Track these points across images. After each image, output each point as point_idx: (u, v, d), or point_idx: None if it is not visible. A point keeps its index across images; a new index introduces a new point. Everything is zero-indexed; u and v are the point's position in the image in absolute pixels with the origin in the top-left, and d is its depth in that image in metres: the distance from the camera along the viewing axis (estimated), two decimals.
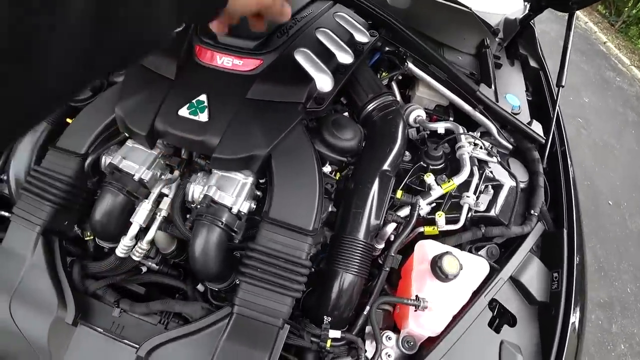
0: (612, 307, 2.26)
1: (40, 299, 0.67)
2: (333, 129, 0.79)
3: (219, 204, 0.69)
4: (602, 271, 2.40)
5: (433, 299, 0.71)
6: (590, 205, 2.71)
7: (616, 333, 2.16)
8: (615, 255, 2.51)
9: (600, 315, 2.21)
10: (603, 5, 5.48)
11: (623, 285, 2.39)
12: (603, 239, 2.55)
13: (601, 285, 2.34)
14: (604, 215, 2.71)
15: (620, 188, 2.92)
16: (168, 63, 0.80)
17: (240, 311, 0.62)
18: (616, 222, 2.69)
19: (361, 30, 0.90)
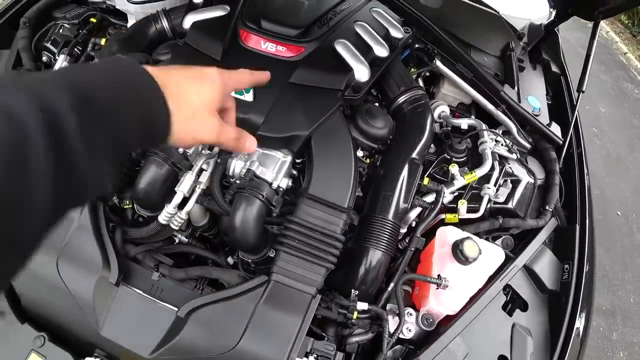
0: (614, 315, 2.29)
1: (86, 259, 0.72)
2: (367, 117, 0.85)
3: (260, 178, 0.74)
4: (607, 279, 2.43)
5: (453, 280, 0.76)
6: (598, 214, 2.73)
7: (616, 341, 2.19)
8: (620, 265, 2.53)
9: (601, 322, 2.24)
10: (626, 15, 5.42)
11: (626, 294, 2.41)
12: (609, 248, 2.58)
13: (604, 292, 2.37)
14: (612, 225, 2.72)
15: (630, 200, 2.92)
16: (215, 44, 0.86)
17: (278, 278, 0.68)
18: (624, 233, 2.70)
19: (396, 26, 0.95)
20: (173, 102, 0.39)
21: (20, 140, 0.25)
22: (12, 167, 0.24)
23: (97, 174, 0.32)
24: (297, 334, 0.64)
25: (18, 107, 0.26)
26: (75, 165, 0.29)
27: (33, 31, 1.19)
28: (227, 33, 0.88)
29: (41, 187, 0.26)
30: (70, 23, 1.21)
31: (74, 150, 0.29)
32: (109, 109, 0.33)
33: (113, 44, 1.04)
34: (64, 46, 1.17)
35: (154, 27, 1.09)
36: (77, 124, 0.29)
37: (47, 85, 0.29)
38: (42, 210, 0.27)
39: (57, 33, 1.20)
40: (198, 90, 0.43)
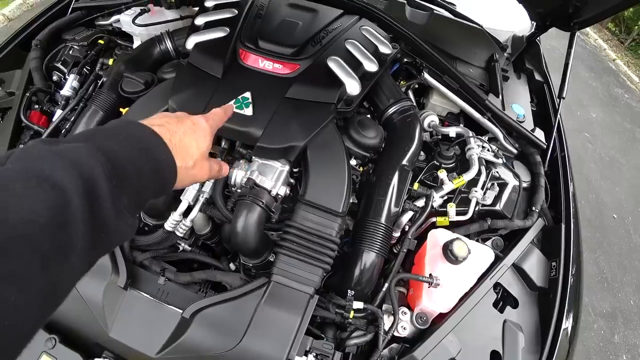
0: (615, 318, 2.30)
1: (97, 265, 0.77)
2: (359, 128, 0.90)
3: (260, 186, 0.79)
4: (606, 282, 2.45)
5: (444, 279, 0.80)
6: (595, 218, 2.77)
7: (618, 343, 2.19)
8: (619, 268, 2.55)
9: (602, 325, 2.24)
10: (613, 23, 5.59)
11: (626, 297, 2.42)
12: (607, 251, 2.60)
13: (604, 296, 2.38)
14: (609, 229, 2.76)
15: (625, 202, 2.97)
16: (216, 63, 0.92)
17: (277, 279, 0.72)
18: (621, 236, 2.73)
19: (384, 42, 1.02)
20: (178, 156, 0.45)
21: (64, 205, 0.29)
22: (55, 228, 0.28)
23: (121, 228, 0.36)
24: (297, 332, 0.67)
25: (60, 175, 0.30)
26: (107, 224, 0.34)
27: (44, 52, 1.26)
28: (227, 53, 0.94)
29: (79, 243, 0.30)
30: (79, 44, 1.28)
31: (106, 212, 0.33)
32: (132, 173, 0.37)
33: (120, 63, 1.11)
34: (74, 66, 1.25)
35: (159, 47, 1.16)
36: (109, 189, 0.34)
37: (83, 154, 0.33)
38: (78, 262, 0.31)
39: (67, 54, 1.27)
40: (196, 143, 0.49)
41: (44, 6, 1.42)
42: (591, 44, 5.11)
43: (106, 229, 0.34)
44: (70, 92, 1.18)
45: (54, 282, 0.28)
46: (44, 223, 0.27)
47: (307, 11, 1.08)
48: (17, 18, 3.59)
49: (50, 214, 0.28)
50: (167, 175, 0.44)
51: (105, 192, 0.33)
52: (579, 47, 4.87)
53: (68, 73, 1.24)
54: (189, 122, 0.50)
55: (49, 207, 0.28)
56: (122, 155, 0.37)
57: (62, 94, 1.18)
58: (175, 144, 0.45)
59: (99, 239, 0.33)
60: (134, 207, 0.38)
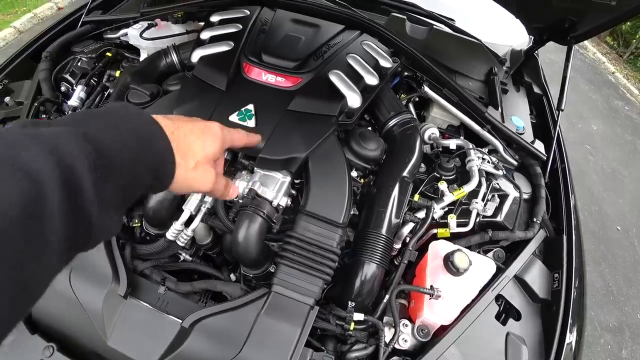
0: (622, 333, 2.25)
1: (97, 272, 0.77)
2: (360, 140, 0.92)
3: (261, 197, 0.80)
4: (611, 295, 2.41)
5: (446, 291, 0.80)
6: (598, 231, 2.75)
7: (626, 358, 2.14)
8: (624, 281, 2.51)
9: (609, 340, 2.20)
10: (611, 36, 5.67)
11: (633, 311, 2.38)
12: (612, 264, 2.57)
13: (610, 309, 2.34)
14: (613, 241, 2.73)
15: (629, 214, 2.95)
16: (220, 76, 0.95)
17: (278, 289, 0.72)
18: (625, 248, 2.71)
19: (385, 56, 1.04)
20: (179, 152, 0.41)
21: (37, 195, 0.26)
22: (27, 221, 0.25)
23: (105, 223, 0.32)
24: (296, 343, 0.67)
25: (36, 164, 0.27)
26: (88, 218, 0.30)
27: (53, 64, 1.30)
28: (231, 66, 0.97)
29: (55, 238, 0.27)
30: (87, 57, 1.32)
31: (87, 204, 0.30)
32: (122, 162, 0.34)
33: (127, 75, 1.13)
34: (82, 77, 1.28)
35: (165, 60, 1.19)
36: (93, 180, 0.30)
37: (63, 139, 0.30)
38: (53, 258, 0.28)
39: (75, 66, 1.30)
40: (202, 143, 0.45)
41: (53, 19, 1.46)
42: (590, 57, 5.18)
43: (87, 223, 0.31)
44: (78, 103, 1.21)
45: (25, 280, 0.26)
46: (14, 215, 0.24)
47: (310, 26, 1.11)
48: (27, 31, 3.69)
49: (23, 205, 0.25)
50: (164, 169, 0.40)
51: (87, 183, 0.30)
52: (578, 60, 4.94)
53: (76, 84, 1.27)
54: (200, 124, 0.47)
55: (21, 198, 0.25)
56: (113, 142, 0.34)
57: (69, 104, 1.20)
58: (178, 137, 0.41)
59: (78, 234, 0.30)
60: (121, 201, 0.34)
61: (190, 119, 0.47)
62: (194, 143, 0.44)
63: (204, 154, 0.45)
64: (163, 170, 0.40)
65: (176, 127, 0.42)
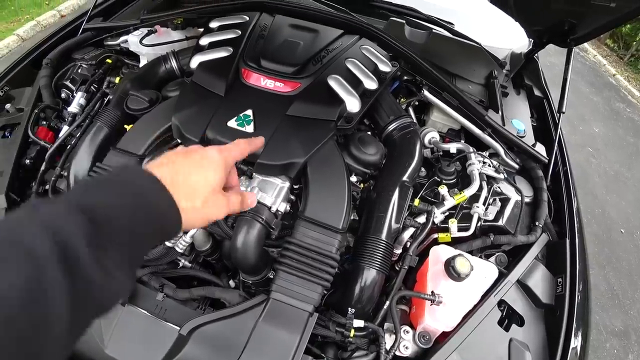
0: (628, 337, 2.22)
1: None
2: (359, 144, 0.91)
3: (260, 203, 0.80)
4: (617, 299, 2.38)
5: (447, 296, 0.79)
6: (602, 234, 2.72)
7: None
8: (630, 284, 2.48)
9: (615, 344, 2.17)
10: (611, 39, 5.67)
11: (638, 314, 2.35)
12: (616, 267, 2.54)
13: (616, 313, 2.31)
14: (617, 244, 2.70)
15: (633, 217, 2.92)
16: (219, 82, 0.95)
17: (276, 296, 0.71)
18: (629, 251, 2.68)
19: (384, 61, 1.04)
20: (183, 197, 0.41)
21: (37, 276, 0.27)
22: (30, 302, 0.26)
23: (113, 286, 0.33)
24: (295, 350, 0.66)
25: (34, 243, 0.28)
26: (91, 288, 0.31)
27: (54, 71, 1.30)
28: (230, 71, 0.97)
29: (59, 314, 0.28)
30: (88, 63, 1.32)
31: (88, 277, 0.31)
32: (121, 227, 0.34)
33: (126, 82, 1.14)
34: (82, 84, 1.28)
35: (164, 66, 1.20)
36: (89, 252, 0.31)
37: (60, 217, 0.31)
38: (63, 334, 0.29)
39: (75, 72, 1.31)
40: (204, 179, 0.44)
41: (56, 27, 1.47)
42: (590, 60, 5.17)
43: (92, 293, 0.31)
44: (77, 109, 1.21)
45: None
46: (16, 297, 0.25)
47: (308, 32, 1.11)
48: (30, 38, 3.73)
49: (24, 286, 0.26)
50: (167, 219, 0.40)
51: (84, 255, 0.30)
52: (578, 63, 4.94)
53: (76, 91, 1.27)
54: (197, 156, 0.46)
55: (22, 278, 0.26)
56: (111, 207, 0.35)
57: (69, 111, 1.21)
58: (178, 183, 0.41)
59: (84, 306, 0.31)
60: (128, 262, 0.35)
61: (187, 151, 0.47)
62: (196, 183, 0.44)
63: (210, 188, 0.45)
64: (167, 223, 0.41)
65: (174, 172, 0.42)
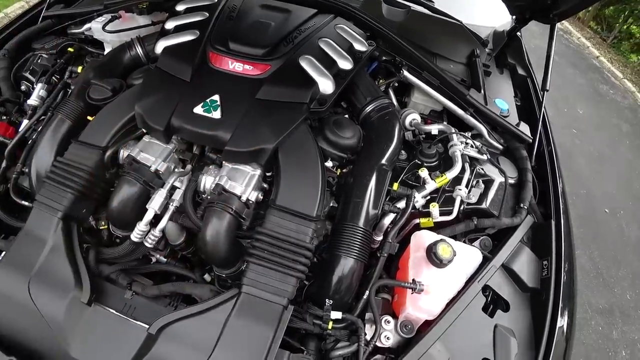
0: (612, 314, 2.26)
1: (58, 279, 0.71)
2: (334, 128, 0.87)
3: (229, 192, 0.75)
4: (601, 277, 2.42)
5: (429, 284, 0.76)
6: (586, 214, 2.75)
7: (617, 339, 2.15)
8: (613, 262, 2.53)
9: (600, 321, 2.21)
10: (594, 21, 5.70)
11: (622, 292, 2.40)
12: (601, 246, 2.58)
13: (600, 291, 2.35)
14: (601, 223, 2.74)
15: (616, 197, 2.96)
16: (184, 67, 0.89)
17: (248, 290, 0.67)
18: (613, 230, 2.72)
19: (360, 40, 0.99)
20: None
21: None
22: None
23: None
24: (270, 346, 0.62)
25: None
26: None
27: (12, 62, 1.21)
28: (196, 56, 0.91)
29: None
30: (48, 53, 1.23)
31: None
32: None
33: (89, 71, 1.06)
34: (42, 75, 1.20)
35: (129, 53, 1.12)
36: None
37: None
38: None
39: (35, 63, 1.22)
40: None
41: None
42: (574, 42, 5.20)
43: None
44: (38, 102, 1.13)
45: None
46: None
47: (280, 12, 1.04)
48: None
49: None
50: None
51: None
52: (562, 45, 4.95)
53: (36, 82, 1.19)
54: None
55: None
56: None
57: (28, 104, 1.13)
58: None
59: None
60: None
61: None
62: None
63: None
64: None
65: None
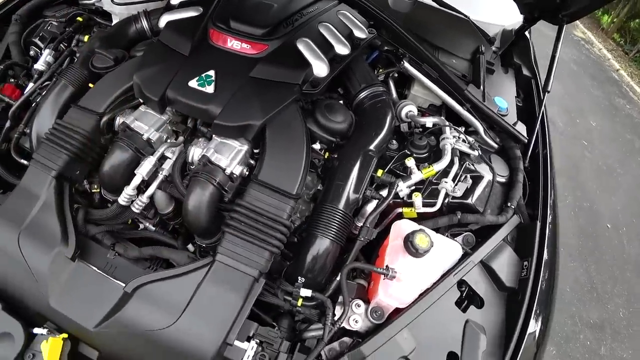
0: (603, 330, 2.24)
1: (47, 234, 0.74)
2: (325, 111, 0.87)
3: (214, 164, 0.76)
4: (595, 292, 2.38)
5: (404, 272, 0.76)
6: (587, 227, 2.71)
7: (604, 356, 2.13)
8: (610, 278, 2.49)
9: (589, 335, 2.18)
10: (619, 33, 5.52)
11: (616, 308, 2.36)
12: (598, 261, 2.54)
13: (592, 306, 2.32)
14: (602, 238, 2.69)
15: (621, 213, 2.90)
16: (184, 41, 0.90)
17: (222, 259, 0.69)
18: (614, 246, 2.67)
19: (360, 27, 0.99)
20: None
21: None
22: None
23: None
24: (238, 314, 0.64)
25: None
26: None
27: (23, 27, 1.24)
28: (197, 32, 0.92)
29: None
30: (58, 21, 1.26)
31: None
32: None
33: (95, 40, 1.08)
34: (51, 42, 1.22)
35: (134, 26, 1.14)
36: None
37: None
38: None
39: (45, 30, 1.25)
40: None
41: None
42: (595, 52, 5.05)
43: None
44: (44, 67, 1.16)
45: None
46: None
47: None
48: None
49: None
50: None
51: None
52: (582, 55, 4.81)
53: (44, 48, 1.22)
54: None
55: None
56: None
57: (35, 68, 1.16)
58: None
59: None
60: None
61: None
62: None
63: None
64: None
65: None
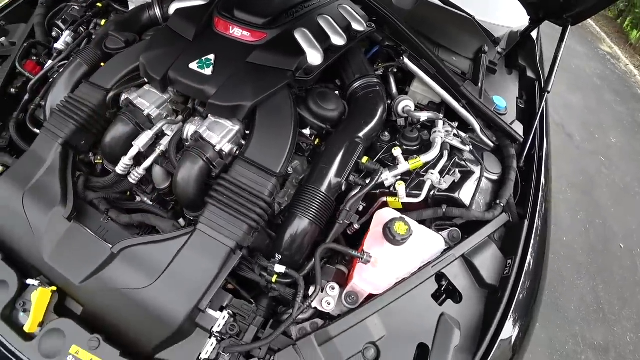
0: (607, 353, 2.14)
1: (48, 195, 0.81)
2: (317, 99, 0.90)
3: (206, 141, 0.80)
4: (601, 313, 2.28)
5: (381, 258, 0.77)
6: (598, 244, 2.60)
7: None
8: (618, 300, 2.38)
9: (591, 357, 2.09)
10: None
11: (623, 332, 2.25)
12: (607, 280, 2.43)
13: (598, 327, 2.22)
14: (613, 258, 2.58)
15: (636, 233, 2.77)
16: (189, 27, 0.95)
17: (202, 228, 0.72)
18: (625, 267, 2.55)
19: (358, 20, 1.01)
20: None
21: None
22: None
23: None
24: (212, 283, 0.67)
25: None
26: None
27: (48, 10, 1.34)
28: (203, 19, 0.97)
29: None
30: (80, 5, 1.35)
31: None
32: None
33: (111, 24, 1.16)
34: (71, 24, 1.31)
35: (148, 13, 1.20)
36: None
37: None
38: None
39: (67, 13, 1.34)
40: None
41: None
42: (621, 68, 4.86)
43: None
44: (63, 46, 1.25)
45: None
46: None
47: None
48: None
49: None
50: None
51: None
52: (607, 69, 4.65)
53: (65, 30, 1.31)
54: None
55: None
56: None
57: (55, 47, 1.24)
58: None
59: None
60: None
61: None
62: None
63: None
64: None
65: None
